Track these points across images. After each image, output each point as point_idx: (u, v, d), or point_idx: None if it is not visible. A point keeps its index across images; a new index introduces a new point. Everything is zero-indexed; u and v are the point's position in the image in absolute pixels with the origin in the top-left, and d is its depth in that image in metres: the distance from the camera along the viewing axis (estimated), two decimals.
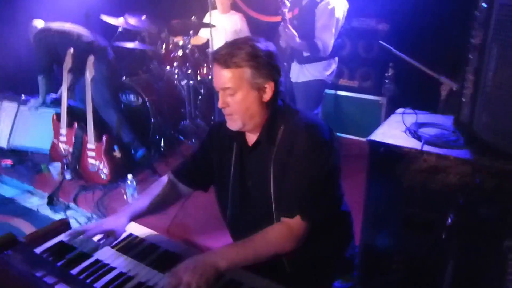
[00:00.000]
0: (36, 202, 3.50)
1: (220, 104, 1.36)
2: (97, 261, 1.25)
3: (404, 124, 1.97)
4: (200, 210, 2.97)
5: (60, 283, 1.08)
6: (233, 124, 1.39)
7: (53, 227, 1.35)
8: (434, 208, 1.81)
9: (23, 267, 1.14)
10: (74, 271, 1.17)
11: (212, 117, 4.20)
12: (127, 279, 1.19)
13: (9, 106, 4.21)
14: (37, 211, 3.36)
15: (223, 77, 1.32)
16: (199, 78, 4.05)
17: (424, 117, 2.12)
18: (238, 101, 1.34)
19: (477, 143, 1.72)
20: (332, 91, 4.29)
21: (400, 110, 2.24)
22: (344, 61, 4.11)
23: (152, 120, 3.94)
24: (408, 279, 2.01)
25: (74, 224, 3.12)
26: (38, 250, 1.25)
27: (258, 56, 1.31)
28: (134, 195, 3.16)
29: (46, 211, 3.33)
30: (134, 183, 3.15)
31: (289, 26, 2.90)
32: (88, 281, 1.15)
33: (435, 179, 1.76)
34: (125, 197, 3.18)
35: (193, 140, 4.07)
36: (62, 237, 1.34)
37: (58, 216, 3.25)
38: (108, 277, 1.19)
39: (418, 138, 1.84)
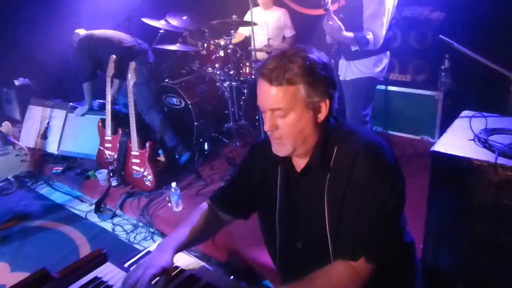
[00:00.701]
0: (85, 208, 3.54)
1: (267, 127, 1.18)
2: None
3: (472, 131, 1.74)
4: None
5: None
6: (282, 150, 1.20)
7: (89, 259, 1.27)
8: (509, 229, 1.58)
9: None
10: None
11: (257, 117, 4.07)
12: None
13: (58, 114, 4.31)
14: (85, 218, 3.39)
15: (273, 96, 1.12)
16: (241, 78, 3.93)
17: (493, 121, 1.87)
18: (290, 124, 1.15)
19: None
20: (382, 87, 4.02)
21: (465, 113, 2.00)
22: (395, 54, 3.82)
23: (195, 123, 3.87)
24: None
25: (120, 232, 3.12)
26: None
27: (313, 70, 1.12)
28: (179, 203, 3.10)
29: (94, 218, 3.36)
30: (178, 190, 3.09)
31: (333, 17, 2.67)
32: None
33: (510, 196, 1.54)
34: (169, 204, 3.13)
35: (237, 143, 3.96)
36: (98, 271, 1.25)
37: (105, 224, 3.26)
38: None
39: (490, 148, 1.61)
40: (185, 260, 1.39)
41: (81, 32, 3.83)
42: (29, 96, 4.76)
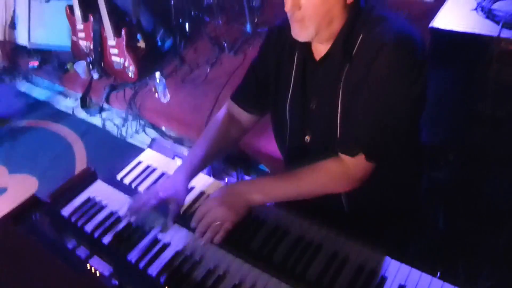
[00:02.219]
0: (70, 104, 3.45)
1: (288, 7, 1.01)
2: (130, 225, 1.10)
3: None
4: None
5: (94, 256, 0.99)
6: (303, 33, 1.06)
7: (78, 179, 1.23)
8: (507, 104, 1.54)
9: (53, 234, 1.06)
10: (106, 239, 1.06)
11: None
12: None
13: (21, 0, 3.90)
14: (72, 114, 3.32)
15: None
16: None
17: None
18: (316, 3, 0.99)
19: None
20: None
21: None
22: None
23: (172, 1, 3.53)
24: (463, 172, 1.85)
25: (111, 127, 3.09)
26: (66, 211, 1.15)
27: None
28: (165, 93, 3.00)
29: (82, 114, 3.30)
30: (163, 80, 2.96)
31: None
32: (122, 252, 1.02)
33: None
34: (156, 95, 3.04)
35: (220, 20, 3.68)
36: (90, 191, 1.22)
37: (94, 119, 3.22)
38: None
39: (493, 18, 1.47)
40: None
41: None
42: None
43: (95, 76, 3.37)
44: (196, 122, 2.79)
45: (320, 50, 1.12)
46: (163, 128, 2.93)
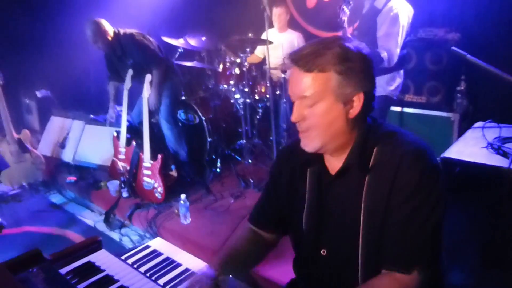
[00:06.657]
0: (94, 217, 3.54)
1: (294, 117, 1.09)
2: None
3: (485, 139, 1.69)
4: None
5: None
6: (309, 144, 1.12)
7: (84, 245, 1.25)
8: None
9: None
10: None
11: (271, 138, 4.05)
12: None
13: (78, 125, 4.41)
14: (94, 227, 3.39)
15: (302, 82, 1.05)
16: (256, 97, 3.95)
17: (507, 130, 1.81)
18: (318, 114, 1.07)
19: None
20: (398, 109, 3.97)
21: (478, 123, 1.95)
22: (410, 75, 3.78)
23: (209, 140, 3.88)
24: None
25: (127, 242, 3.10)
26: (64, 270, 1.14)
27: (348, 59, 1.04)
28: (187, 215, 3.07)
29: (103, 228, 3.35)
30: (187, 203, 3.06)
31: (349, 35, 2.70)
32: None
33: None
34: (177, 216, 3.10)
35: (250, 160, 3.94)
36: (92, 257, 1.22)
37: (113, 234, 3.25)
38: None
39: (504, 154, 1.55)
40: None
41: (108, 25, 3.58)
42: (49, 107, 4.90)
43: (124, 194, 3.53)
44: (211, 246, 2.77)
45: (334, 164, 1.17)
46: None
